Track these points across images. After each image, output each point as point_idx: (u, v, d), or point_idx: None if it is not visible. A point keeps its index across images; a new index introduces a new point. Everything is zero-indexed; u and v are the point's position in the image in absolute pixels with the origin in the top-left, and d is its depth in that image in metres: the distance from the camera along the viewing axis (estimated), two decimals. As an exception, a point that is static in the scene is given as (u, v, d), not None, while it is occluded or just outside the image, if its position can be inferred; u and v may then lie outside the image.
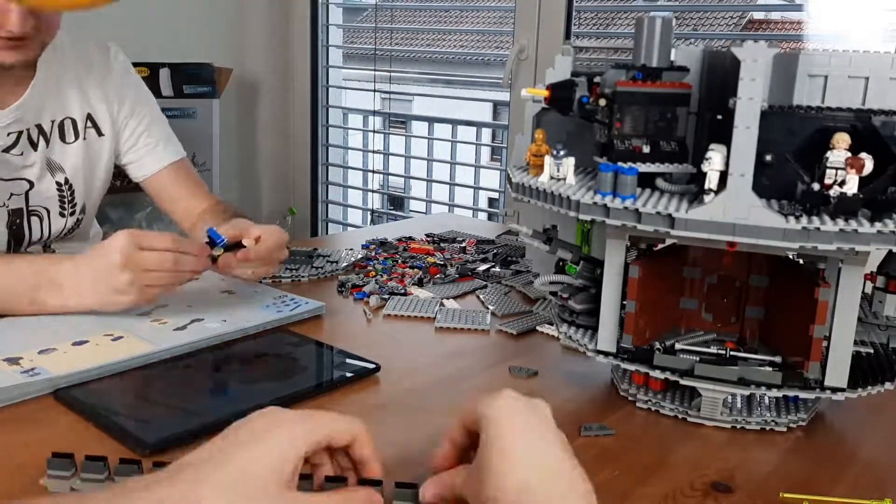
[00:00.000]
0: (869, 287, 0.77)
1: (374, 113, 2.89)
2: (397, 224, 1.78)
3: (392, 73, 2.72)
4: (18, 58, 1.03)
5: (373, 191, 3.07)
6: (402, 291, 1.10)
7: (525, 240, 0.87)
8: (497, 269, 1.23)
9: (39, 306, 0.91)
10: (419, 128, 3.71)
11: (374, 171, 2.96)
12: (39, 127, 1.14)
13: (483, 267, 1.23)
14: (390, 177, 3.14)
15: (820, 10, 1.94)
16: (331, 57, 2.80)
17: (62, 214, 1.18)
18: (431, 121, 3.21)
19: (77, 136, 1.18)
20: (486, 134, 4.57)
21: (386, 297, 1.07)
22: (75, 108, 1.18)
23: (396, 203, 3.68)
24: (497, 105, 5.40)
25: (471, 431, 0.55)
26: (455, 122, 2.98)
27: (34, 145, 1.13)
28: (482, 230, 1.51)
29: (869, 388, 0.72)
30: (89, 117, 1.20)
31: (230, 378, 0.81)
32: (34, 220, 1.15)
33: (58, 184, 1.17)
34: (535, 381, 0.84)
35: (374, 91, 2.76)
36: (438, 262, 1.24)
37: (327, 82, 2.82)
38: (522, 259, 1.27)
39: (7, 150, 1.10)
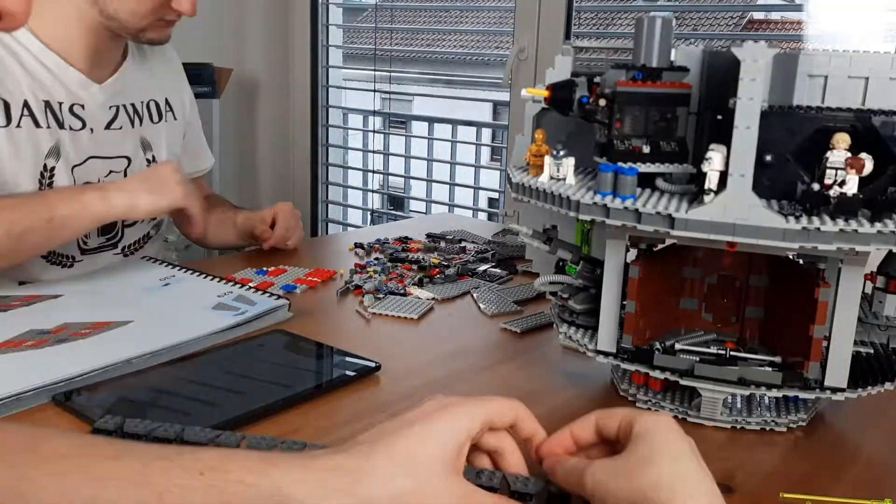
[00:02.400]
0: (869, 287, 0.77)
1: (374, 113, 2.89)
2: (397, 224, 1.78)
3: (392, 73, 2.72)
4: (167, 38, 1.18)
5: (373, 191, 3.07)
6: (402, 291, 1.09)
7: (525, 240, 0.87)
8: (497, 269, 1.23)
9: (86, 209, 1.01)
10: (419, 128, 3.71)
11: (374, 171, 2.96)
12: (133, 106, 1.22)
13: (483, 267, 1.23)
14: (390, 177, 3.14)
15: (820, 10, 1.94)
16: (331, 57, 2.80)
17: None
18: (431, 121, 3.21)
19: (161, 118, 1.28)
20: (486, 134, 4.57)
21: (382, 296, 1.07)
22: (157, 91, 1.27)
23: (396, 203, 3.68)
24: (497, 105, 5.39)
25: (603, 433, 0.57)
26: (455, 122, 2.98)
27: (132, 122, 1.21)
28: (482, 230, 1.51)
29: (869, 388, 0.72)
30: (167, 102, 1.29)
31: (229, 379, 0.81)
32: None
33: (147, 161, 1.24)
34: (535, 381, 0.84)
35: (374, 91, 2.76)
36: (442, 262, 1.24)
37: (327, 82, 2.81)
38: (522, 259, 1.27)
39: (108, 126, 1.17)
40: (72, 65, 1.12)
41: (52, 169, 1.09)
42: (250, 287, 1.03)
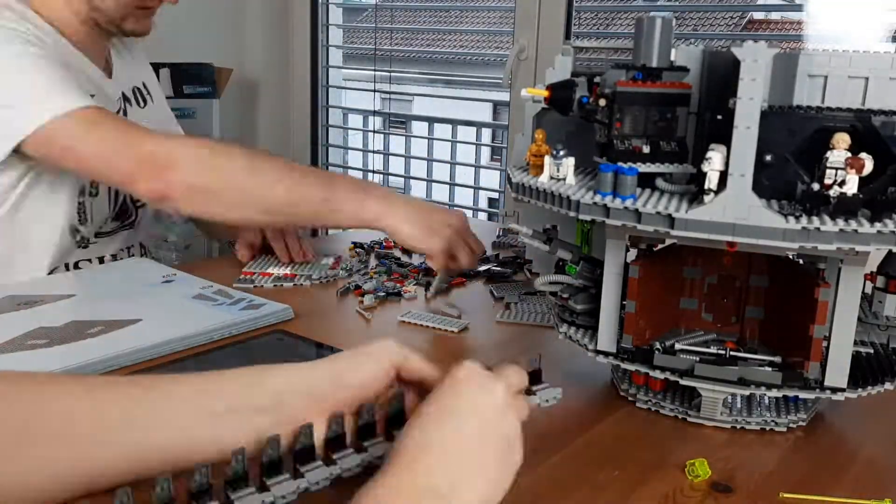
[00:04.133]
0: (869, 287, 0.77)
1: (374, 113, 2.89)
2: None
3: (392, 73, 2.72)
4: (148, 30, 1.19)
5: (373, 191, 3.07)
6: (398, 291, 1.09)
7: (525, 240, 0.87)
8: (496, 269, 1.23)
9: (363, 208, 1.03)
10: (419, 128, 3.71)
11: (374, 171, 2.96)
12: (123, 94, 1.25)
13: (482, 267, 1.23)
14: (390, 177, 3.14)
15: (820, 10, 1.94)
16: (331, 57, 2.80)
17: None
18: (431, 121, 3.21)
19: (145, 102, 1.31)
20: (486, 134, 4.57)
21: (382, 295, 1.07)
22: (136, 77, 1.30)
23: (396, 203, 3.67)
24: (497, 105, 5.39)
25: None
26: (455, 122, 2.98)
27: (125, 110, 1.24)
28: (482, 230, 1.51)
29: (869, 388, 0.72)
30: (145, 86, 1.32)
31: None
32: None
33: None
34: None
35: (374, 91, 2.76)
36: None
37: (327, 82, 2.81)
38: (522, 259, 1.27)
39: (117, 113, 1.19)
40: (92, 62, 1.16)
41: None
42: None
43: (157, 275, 1.10)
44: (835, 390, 0.71)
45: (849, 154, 0.64)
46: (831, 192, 0.64)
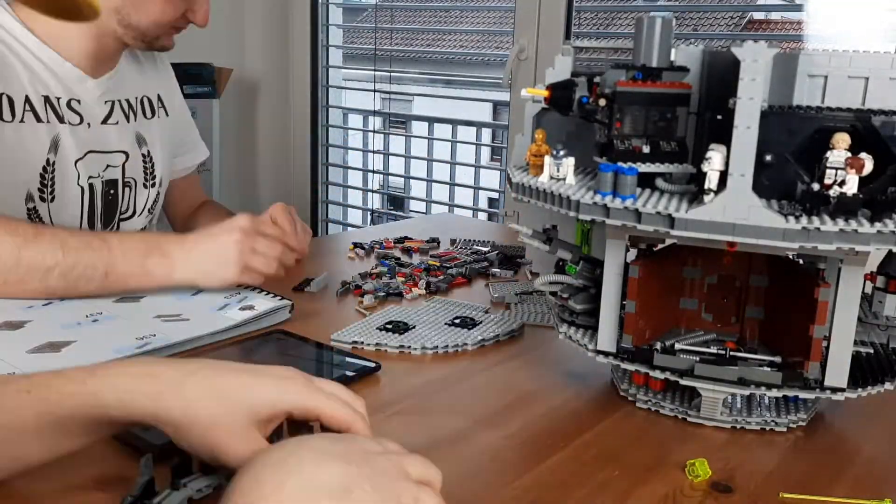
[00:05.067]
0: (869, 287, 0.77)
1: (374, 113, 2.89)
2: (397, 224, 1.78)
3: (392, 73, 2.72)
4: (174, 43, 1.19)
5: (373, 191, 3.07)
6: (399, 291, 1.09)
7: (525, 240, 0.87)
8: (496, 269, 1.23)
9: (147, 275, 0.97)
10: (419, 128, 3.71)
11: (374, 171, 2.96)
12: (128, 101, 1.23)
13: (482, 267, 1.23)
14: (390, 177, 3.14)
15: (820, 10, 1.94)
16: (331, 57, 2.80)
17: (145, 185, 1.25)
18: (431, 121, 3.21)
19: (154, 114, 1.29)
20: (486, 134, 4.57)
21: (382, 295, 1.07)
22: (150, 87, 1.29)
23: (396, 203, 3.68)
24: (497, 105, 5.39)
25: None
26: (455, 122, 2.98)
27: (126, 118, 1.22)
28: (482, 230, 1.51)
29: (869, 388, 0.72)
30: (159, 98, 1.31)
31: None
32: (126, 190, 1.22)
33: (143, 156, 1.25)
34: (535, 381, 0.84)
35: (374, 91, 2.76)
36: (443, 263, 1.24)
37: (327, 82, 2.81)
38: (522, 259, 1.27)
39: (105, 121, 1.18)
40: (67, 60, 1.13)
41: (53, 164, 1.10)
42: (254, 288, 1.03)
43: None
44: (835, 390, 0.71)
45: (849, 154, 0.64)
46: (831, 192, 0.64)
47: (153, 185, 1.27)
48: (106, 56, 1.17)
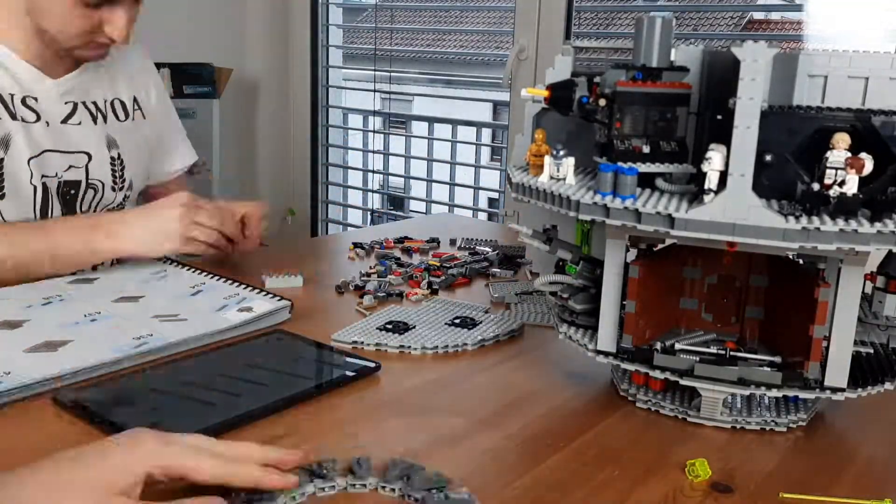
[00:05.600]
0: (869, 287, 0.77)
1: (374, 113, 2.89)
2: (397, 224, 1.78)
3: (392, 73, 2.72)
4: (102, 57, 1.17)
5: (373, 191, 3.07)
6: (399, 292, 1.09)
7: (525, 240, 0.87)
8: (496, 269, 1.23)
9: (94, 253, 1.05)
10: (419, 128, 3.71)
11: (374, 171, 2.96)
12: (95, 104, 1.22)
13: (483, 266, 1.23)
14: (390, 177, 3.14)
15: (820, 10, 1.94)
16: (331, 57, 2.81)
17: (114, 189, 1.24)
18: (431, 121, 3.21)
19: (128, 116, 1.27)
20: (486, 134, 4.57)
21: (382, 296, 1.07)
22: (123, 90, 1.27)
23: (396, 203, 3.68)
24: (497, 105, 5.39)
25: None
26: (455, 122, 2.98)
27: (94, 119, 1.21)
28: (482, 230, 1.51)
29: (869, 388, 0.72)
30: (135, 100, 1.29)
31: (228, 379, 0.81)
32: (90, 192, 1.21)
33: (111, 158, 1.23)
34: (535, 381, 0.84)
35: (374, 91, 2.76)
36: (443, 263, 1.24)
37: (327, 82, 2.82)
38: (522, 259, 1.27)
39: (65, 120, 1.17)
40: (23, 59, 1.12)
41: (2, 161, 1.08)
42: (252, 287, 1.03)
43: (147, 272, 1.10)
44: (835, 390, 0.71)
45: (849, 154, 0.64)
46: (831, 192, 0.64)
47: (121, 188, 1.24)
48: (57, 57, 1.14)
